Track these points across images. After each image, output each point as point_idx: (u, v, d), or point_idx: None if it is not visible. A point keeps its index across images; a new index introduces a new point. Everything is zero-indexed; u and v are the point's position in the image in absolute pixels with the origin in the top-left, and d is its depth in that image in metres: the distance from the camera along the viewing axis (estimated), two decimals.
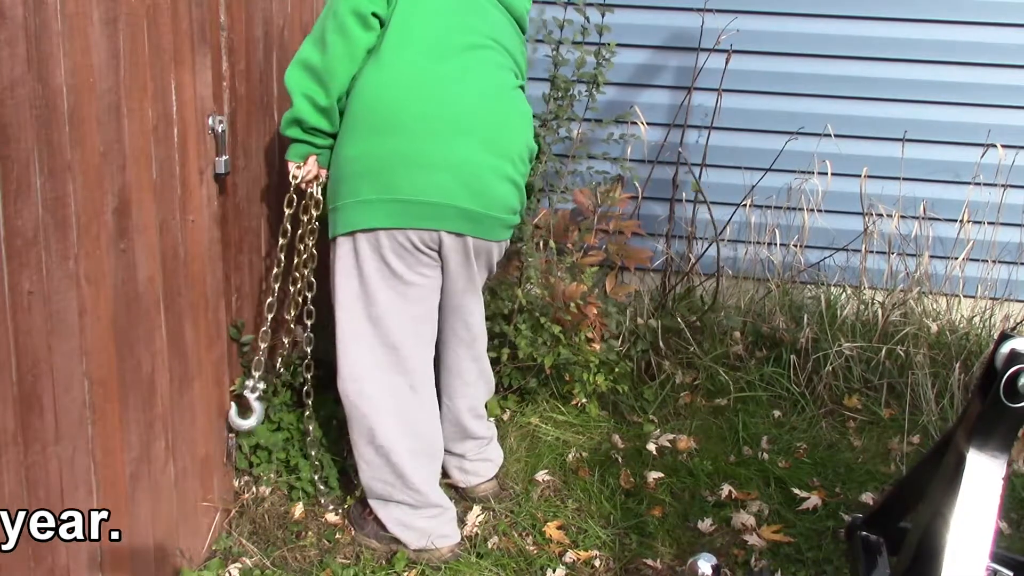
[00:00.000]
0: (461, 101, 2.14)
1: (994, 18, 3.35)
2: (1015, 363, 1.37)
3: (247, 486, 2.53)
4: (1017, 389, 1.37)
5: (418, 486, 2.32)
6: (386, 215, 2.13)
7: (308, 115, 2.16)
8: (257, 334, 2.45)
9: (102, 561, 1.82)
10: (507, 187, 2.22)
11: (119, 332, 1.81)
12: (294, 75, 2.16)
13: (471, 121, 2.14)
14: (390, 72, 2.12)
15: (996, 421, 1.39)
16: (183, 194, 2.02)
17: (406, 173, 2.10)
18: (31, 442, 1.57)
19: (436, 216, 2.14)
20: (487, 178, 2.16)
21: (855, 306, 3.37)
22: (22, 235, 1.50)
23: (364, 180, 2.13)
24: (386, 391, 2.27)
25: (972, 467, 1.39)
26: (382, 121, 2.11)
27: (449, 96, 2.13)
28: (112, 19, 1.69)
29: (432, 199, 2.12)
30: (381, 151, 2.11)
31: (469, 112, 2.14)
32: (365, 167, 2.12)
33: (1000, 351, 1.40)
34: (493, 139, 2.17)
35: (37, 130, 1.51)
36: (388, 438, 2.28)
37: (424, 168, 2.10)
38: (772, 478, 2.76)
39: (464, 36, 2.18)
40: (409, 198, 2.11)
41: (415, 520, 2.35)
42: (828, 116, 3.47)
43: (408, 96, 2.11)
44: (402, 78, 2.12)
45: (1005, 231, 3.49)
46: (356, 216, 2.15)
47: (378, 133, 2.11)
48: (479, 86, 2.17)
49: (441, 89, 2.12)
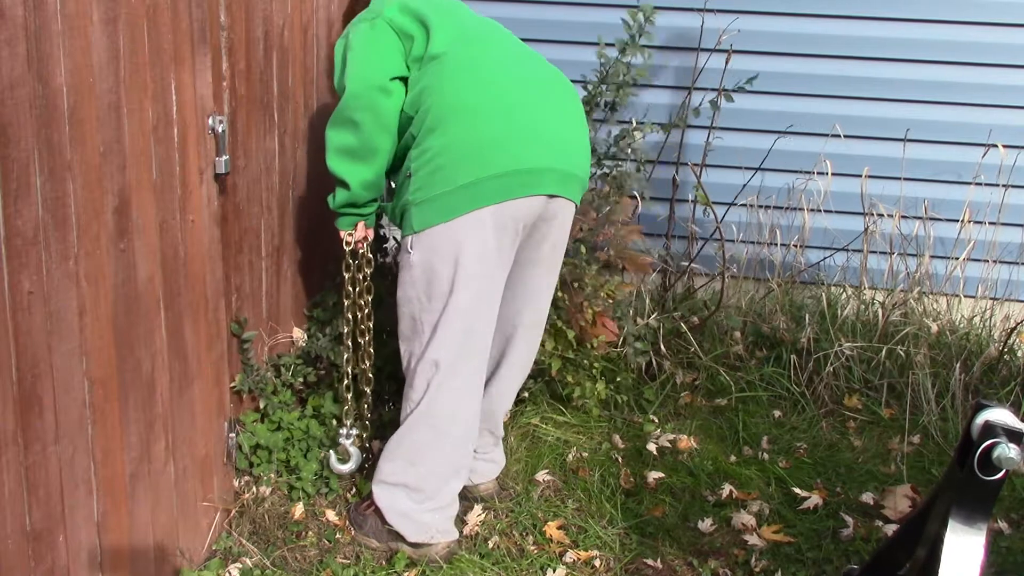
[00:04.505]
0: (533, 79, 2.26)
1: (995, 18, 3.34)
2: (989, 436, 1.36)
3: (247, 486, 2.53)
4: (991, 462, 1.36)
5: (441, 472, 2.32)
6: (492, 192, 2.15)
7: (359, 196, 2.31)
8: (345, 386, 2.55)
9: (102, 561, 1.82)
10: (584, 148, 2.32)
11: (119, 332, 1.81)
12: (336, 163, 2.28)
13: (545, 92, 2.26)
14: (464, 74, 2.20)
15: (973, 492, 1.39)
16: (183, 194, 2.02)
17: (500, 150, 2.16)
18: (31, 442, 1.57)
19: (536, 182, 2.19)
20: (572, 141, 2.28)
21: (855, 306, 3.37)
22: (22, 235, 1.50)
23: (458, 167, 2.15)
24: (461, 377, 2.28)
25: (952, 537, 1.39)
26: (465, 111, 2.16)
27: (519, 79, 2.24)
28: (112, 19, 1.69)
29: (531, 165, 2.18)
30: (471, 136, 2.16)
31: (543, 86, 2.26)
32: (458, 154, 2.15)
33: (975, 422, 1.40)
34: (567, 109, 2.29)
35: (37, 130, 1.51)
36: (448, 423, 2.29)
37: (516, 141, 2.17)
38: (772, 478, 2.76)
39: (517, 48, 2.34)
40: (508, 170, 2.15)
41: (419, 513, 2.33)
42: (828, 116, 3.46)
43: (483, 84, 2.20)
44: (474, 74, 2.20)
45: (1006, 231, 3.49)
46: (456, 202, 2.16)
47: (462, 122, 2.16)
48: (542, 71, 2.30)
49: (509, 77, 2.23)
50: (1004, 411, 1.40)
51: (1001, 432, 1.37)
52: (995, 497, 1.40)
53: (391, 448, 2.33)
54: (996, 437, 1.36)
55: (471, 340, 2.24)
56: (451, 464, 2.32)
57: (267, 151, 2.49)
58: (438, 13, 2.24)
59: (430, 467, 2.30)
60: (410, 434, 2.29)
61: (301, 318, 2.87)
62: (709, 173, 3.49)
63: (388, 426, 2.84)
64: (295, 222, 2.72)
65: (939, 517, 1.44)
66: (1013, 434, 1.37)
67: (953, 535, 1.40)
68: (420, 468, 2.30)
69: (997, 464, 1.36)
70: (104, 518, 1.82)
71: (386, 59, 2.20)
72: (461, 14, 2.31)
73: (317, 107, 2.82)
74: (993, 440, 1.36)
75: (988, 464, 1.37)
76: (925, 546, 1.49)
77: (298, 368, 2.64)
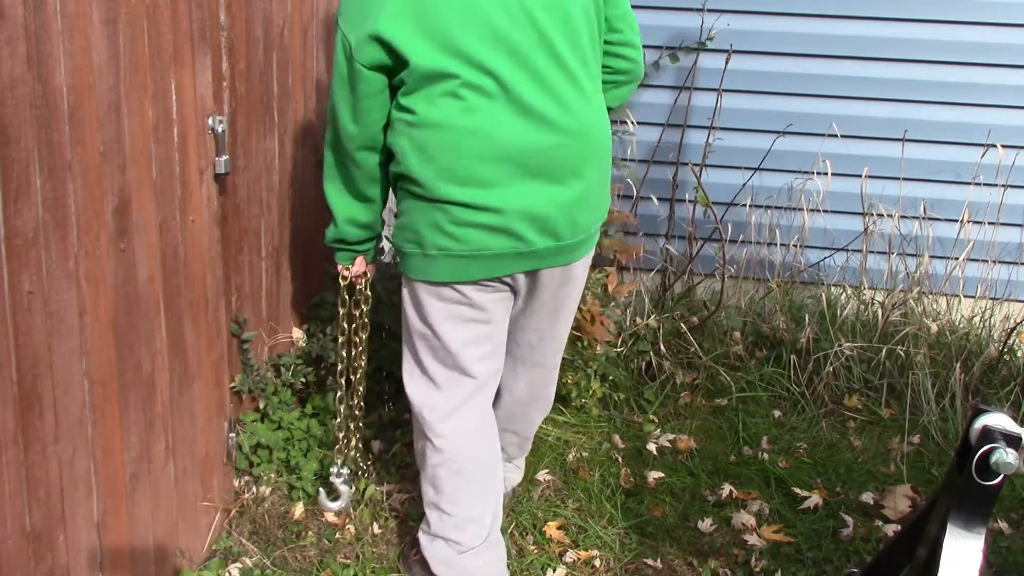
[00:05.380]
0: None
1: (994, 18, 3.34)
2: (987, 441, 1.36)
3: (247, 486, 2.53)
4: (989, 467, 1.36)
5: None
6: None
7: (351, 235, 2.18)
8: (337, 424, 2.47)
9: (102, 561, 1.82)
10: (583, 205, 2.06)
11: (119, 332, 1.81)
12: (333, 197, 2.14)
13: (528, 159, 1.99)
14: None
15: (971, 497, 1.39)
16: (183, 194, 2.02)
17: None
18: (31, 442, 1.57)
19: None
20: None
21: (855, 306, 3.37)
22: (22, 235, 1.50)
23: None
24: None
25: (951, 541, 1.40)
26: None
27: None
28: (112, 19, 1.69)
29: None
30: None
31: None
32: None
33: (974, 427, 1.40)
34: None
35: (37, 130, 1.51)
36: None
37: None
38: (772, 478, 2.76)
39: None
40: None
41: (461, 559, 2.19)
42: (828, 116, 3.46)
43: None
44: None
45: (1005, 231, 3.49)
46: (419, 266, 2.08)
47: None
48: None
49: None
50: (1002, 415, 1.40)
51: (999, 437, 1.37)
52: (993, 502, 1.40)
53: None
54: (994, 442, 1.36)
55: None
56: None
57: (267, 151, 2.49)
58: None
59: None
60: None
61: (301, 318, 2.87)
62: (709, 173, 3.49)
63: (388, 427, 2.84)
64: (295, 222, 2.72)
65: (938, 521, 1.44)
66: (1011, 439, 1.37)
67: (951, 539, 1.40)
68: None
69: (995, 469, 1.36)
70: (104, 518, 1.82)
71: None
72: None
73: (317, 107, 2.82)
74: (991, 445, 1.36)
75: (986, 469, 1.37)
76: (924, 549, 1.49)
77: (298, 368, 2.64)
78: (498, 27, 1.86)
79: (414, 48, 1.85)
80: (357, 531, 2.47)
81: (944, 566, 1.39)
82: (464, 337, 2.07)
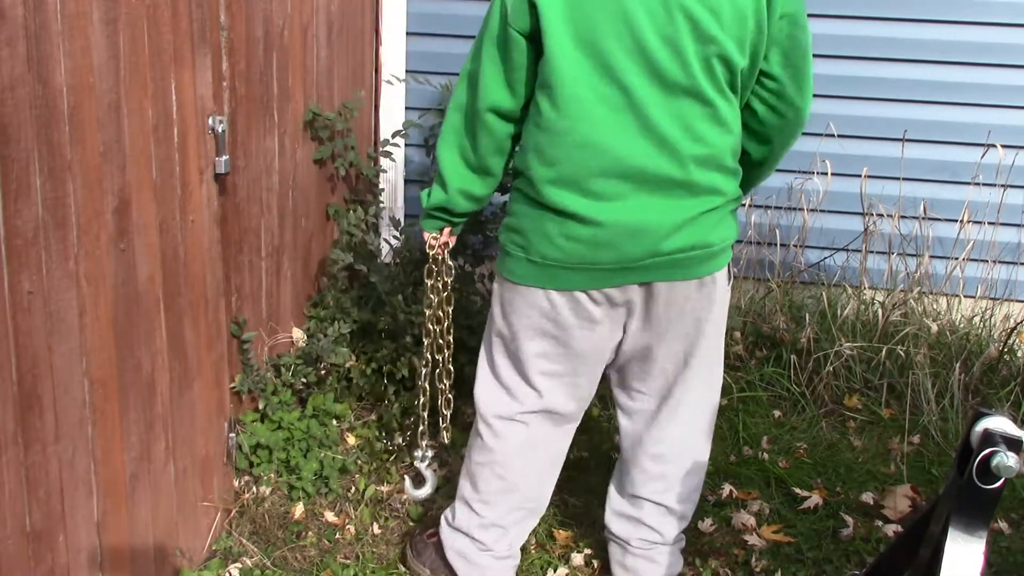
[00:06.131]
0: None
1: (994, 18, 3.34)
2: (988, 445, 1.36)
3: (247, 486, 2.53)
4: (990, 470, 1.36)
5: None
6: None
7: (459, 206, 2.08)
8: (421, 404, 2.36)
9: (102, 561, 1.82)
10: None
11: (119, 332, 1.81)
12: (448, 163, 2.04)
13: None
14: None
15: (972, 500, 1.39)
16: (183, 194, 2.02)
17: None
18: (31, 442, 1.57)
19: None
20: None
21: (855, 306, 3.37)
22: (22, 235, 1.50)
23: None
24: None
25: (951, 545, 1.40)
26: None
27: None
28: (112, 19, 1.69)
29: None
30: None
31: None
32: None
33: (975, 430, 1.40)
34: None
35: (37, 130, 1.51)
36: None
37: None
38: (772, 478, 2.76)
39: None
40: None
41: (479, 555, 2.21)
42: (828, 116, 3.46)
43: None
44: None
45: (1005, 231, 3.49)
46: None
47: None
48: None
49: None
50: (1003, 419, 1.40)
51: (1000, 440, 1.37)
52: (995, 505, 1.40)
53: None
54: (995, 445, 1.36)
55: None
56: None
57: (267, 151, 2.49)
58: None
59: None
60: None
61: (301, 318, 2.87)
62: None
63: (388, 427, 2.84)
64: (295, 222, 2.72)
65: (939, 524, 1.44)
66: (1012, 442, 1.37)
67: (952, 542, 1.40)
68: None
69: (996, 473, 1.36)
70: (104, 518, 1.82)
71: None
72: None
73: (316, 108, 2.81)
74: (992, 449, 1.36)
75: (987, 472, 1.37)
76: (925, 553, 1.49)
77: (298, 368, 2.64)
78: (644, 40, 1.79)
79: (556, 32, 1.80)
80: (357, 531, 2.47)
81: (945, 570, 1.38)
82: (538, 350, 2.04)
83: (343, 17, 3.01)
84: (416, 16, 3.43)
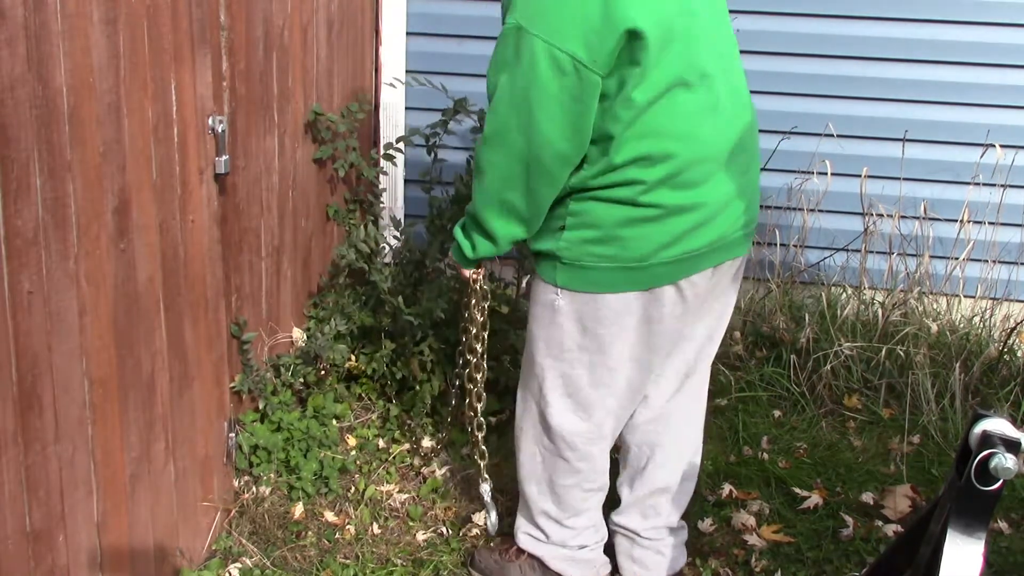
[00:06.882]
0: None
1: (994, 18, 3.34)
2: (986, 446, 1.36)
3: (247, 486, 2.53)
4: (989, 472, 1.36)
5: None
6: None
7: (506, 250, 2.03)
8: (482, 437, 2.37)
9: (102, 561, 1.82)
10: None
11: (119, 332, 1.81)
12: (497, 225, 1.93)
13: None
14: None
15: (971, 502, 1.39)
16: (183, 194, 2.02)
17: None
18: (31, 442, 1.57)
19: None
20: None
21: (855, 306, 3.37)
22: (22, 235, 1.50)
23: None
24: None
25: (950, 546, 1.40)
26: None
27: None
28: (112, 19, 1.69)
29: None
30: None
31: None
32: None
33: (973, 431, 1.40)
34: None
35: (37, 130, 1.51)
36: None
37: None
38: (772, 478, 2.76)
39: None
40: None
41: (582, 553, 2.24)
42: (828, 116, 3.46)
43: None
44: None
45: (1005, 231, 3.49)
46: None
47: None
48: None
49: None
50: (1002, 420, 1.40)
51: (999, 442, 1.37)
52: (993, 506, 1.40)
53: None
54: (994, 447, 1.36)
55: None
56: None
57: (267, 151, 2.49)
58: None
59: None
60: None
61: (301, 318, 2.87)
62: None
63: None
64: (295, 222, 2.72)
65: (938, 524, 1.45)
66: (1010, 444, 1.37)
67: (952, 543, 1.40)
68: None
69: (995, 474, 1.36)
70: (104, 518, 1.82)
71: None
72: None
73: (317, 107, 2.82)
74: (991, 450, 1.36)
75: (986, 474, 1.37)
76: (925, 553, 1.49)
77: (297, 368, 2.65)
78: (704, 25, 1.87)
79: (655, 48, 1.74)
80: (357, 531, 2.47)
81: (945, 570, 1.39)
82: (629, 354, 2.01)
83: (343, 17, 3.01)
84: (416, 16, 3.43)
